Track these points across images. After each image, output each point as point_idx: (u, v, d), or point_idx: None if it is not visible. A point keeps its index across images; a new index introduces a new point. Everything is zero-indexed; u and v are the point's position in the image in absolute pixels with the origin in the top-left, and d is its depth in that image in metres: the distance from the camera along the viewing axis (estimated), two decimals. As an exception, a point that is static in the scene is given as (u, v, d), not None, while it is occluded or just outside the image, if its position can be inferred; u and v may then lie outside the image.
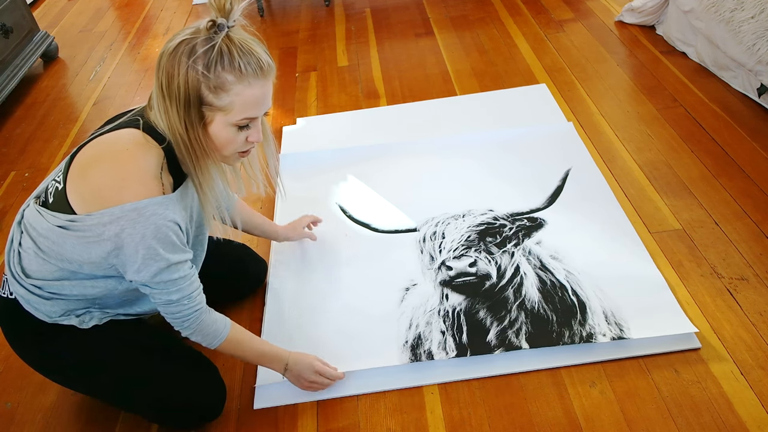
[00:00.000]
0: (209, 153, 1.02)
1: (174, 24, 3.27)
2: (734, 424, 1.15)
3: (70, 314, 1.12)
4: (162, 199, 0.99)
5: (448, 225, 1.66)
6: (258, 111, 1.01)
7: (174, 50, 0.95)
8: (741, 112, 1.97)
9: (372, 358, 1.34)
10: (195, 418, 1.23)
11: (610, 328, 1.33)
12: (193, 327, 1.09)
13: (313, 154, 2.02)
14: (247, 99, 0.98)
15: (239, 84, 0.96)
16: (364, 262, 1.61)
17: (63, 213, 1.01)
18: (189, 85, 0.95)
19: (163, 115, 0.99)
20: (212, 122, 0.99)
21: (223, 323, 1.13)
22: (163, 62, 0.96)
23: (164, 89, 0.97)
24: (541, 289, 1.44)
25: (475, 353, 1.32)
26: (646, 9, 2.50)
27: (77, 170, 1.02)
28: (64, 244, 1.03)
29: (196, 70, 0.94)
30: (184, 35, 0.96)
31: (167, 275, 1.02)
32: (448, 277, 1.51)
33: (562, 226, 1.62)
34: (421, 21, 2.94)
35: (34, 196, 1.12)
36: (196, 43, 0.94)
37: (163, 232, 0.99)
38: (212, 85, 0.95)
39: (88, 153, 1.02)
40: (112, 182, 0.97)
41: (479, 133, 2.05)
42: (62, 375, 1.19)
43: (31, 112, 2.57)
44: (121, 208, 0.96)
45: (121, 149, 0.99)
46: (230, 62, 0.94)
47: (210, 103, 0.97)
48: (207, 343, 1.13)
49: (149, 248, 0.98)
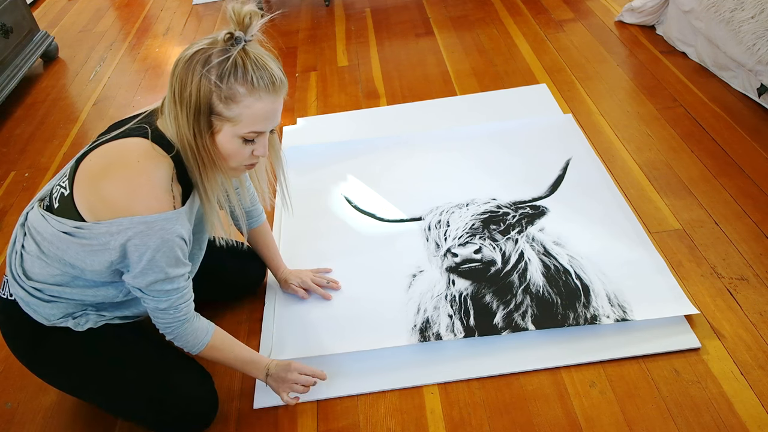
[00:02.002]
0: (216, 162, 1.03)
1: (174, 24, 3.27)
2: (734, 424, 1.15)
3: (68, 317, 1.12)
4: (171, 215, 1.00)
5: (452, 214, 1.69)
6: (266, 126, 1.02)
7: (190, 58, 0.96)
8: (741, 112, 1.97)
9: (382, 340, 1.36)
10: (186, 427, 1.22)
11: (613, 310, 1.36)
12: (176, 333, 1.11)
13: (318, 147, 2.05)
14: (256, 112, 0.98)
15: (250, 97, 0.97)
16: (370, 250, 1.63)
17: (69, 219, 1.02)
18: (201, 93, 0.95)
19: (173, 121, 1.00)
20: (220, 132, 1.00)
21: (204, 331, 1.14)
22: (178, 69, 0.97)
23: (176, 95, 0.98)
24: (546, 274, 1.47)
25: (483, 334, 1.34)
26: (646, 9, 2.50)
27: (85, 177, 1.02)
28: (68, 250, 1.03)
29: (209, 79, 0.95)
30: (200, 45, 0.97)
31: (162, 286, 1.04)
32: (454, 263, 1.53)
33: (564, 214, 1.66)
34: (421, 21, 2.94)
35: (38, 199, 1.12)
36: (212, 54, 0.95)
37: (169, 246, 1.00)
38: (223, 96, 0.96)
39: (96, 161, 1.02)
40: (123, 194, 0.98)
41: (481, 125, 2.08)
42: (56, 378, 1.19)
43: (31, 112, 2.57)
44: (131, 220, 0.97)
45: (132, 161, 0.99)
46: (243, 75, 0.95)
47: (219, 113, 0.97)
48: (188, 349, 1.14)
49: (152, 260, 1.00)
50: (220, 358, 1.18)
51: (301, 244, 1.67)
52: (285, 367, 1.23)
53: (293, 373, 1.22)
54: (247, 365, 1.22)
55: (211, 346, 1.15)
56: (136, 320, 1.23)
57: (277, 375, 1.22)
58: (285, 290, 1.52)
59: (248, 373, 1.23)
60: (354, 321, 1.43)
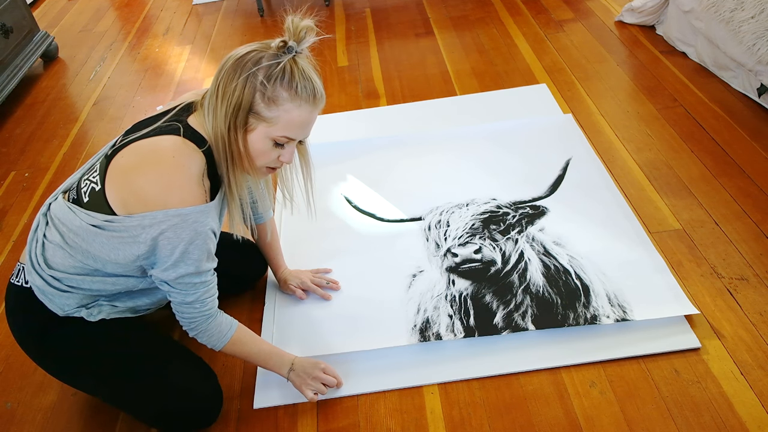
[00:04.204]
0: (243, 159, 1.06)
1: (174, 24, 3.27)
2: (734, 424, 1.15)
3: (81, 308, 1.13)
4: (205, 207, 1.03)
5: (452, 214, 1.69)
6: (298, 133, 1.07)
7: (241, 57, 1.01)
8: (741, 112, 1.97)
9: (382, 340, 1.36)
10: (191, 422, 1.22)
11: (613, 310, 1.36)
12: (200, 329, 1.12)
13: (318, 146, 2.04)
14: (293, 118, 1.03)
15: (291, 102, 1.02)
16: (370, 250, 1.63)
17: (100, 213, 1.04)
18: (245, 91, 1.00)
19: (211, 114, 1.04)
20: (254, 131, 1.04)
21: (228, 325, 1.16)
22: (228, 65, 1.02)
23: (220, 90, 1.02)
24: (546, 274, 1.48)
25: (483, 334, 1.34)
26: (646, 9, 2.50)
27: (118, 173, 1.04)
28: (93, 242, 1.05)
29: (257, 78, 1.00)
30: (253, 47, 1.03)
31: (191, 279, 1.06)
32: (454, 263, 1.54)
33: (564, 214, 1.66)
34: (421, 21, 2.94)
35: (62, 191, 1.15)
36: (263, 57, 1.01)
37: (202, 239, 1.04)
38: (267, 96, 1.00)
39: (130, 158, 1.04)
40: (158, 188, 1.00)
41: (481, 125, 2.08)
42: (60, 369, 1.19)
43: (31, 112, 2.57)
44: (165, 213, 0.99)
45: (167, 157, 1.02)
46: (289, 81, 1.01)
47: (258, 112, 1.02)
48: (212, 345, 1.15)
49: (185, 252, 1.03)
50: (243, 351, 1.19)
51: (301, 244, 1.67)
52: (314, 364, 1.25)
53: (320, 372, 1.25)
54: (271, 359, 1.24)
55: (235, 340, 1.17)
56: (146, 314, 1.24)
57: (303, 371, 1.24)
58: (284, 290, 1.52)
59: (269, 367, 1.25)
60: (354, 321, 1.43)
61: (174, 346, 1.26)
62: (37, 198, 2.04)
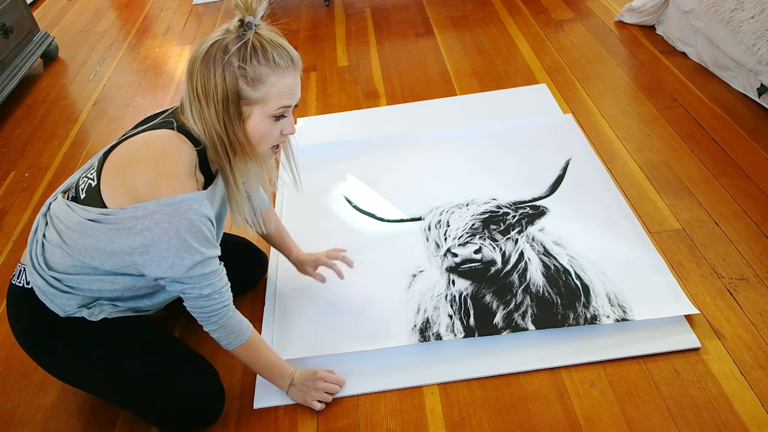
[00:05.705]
0: (247, 150, 1.06)
1: (174, 24, 3.27)
2: (734, 424, 1.15)
3: (83, 308, 1.13)
4: (196, 195, 1.02)
5: (452, 214, 1.69)
6: (292, 100, 1.06)
7: (207, 53, 0.99)
8: (741, 112, 1.97)
9: (382, 340, 1.36)
10: (193, 421, 1.22)
11: (613, 309, 1.36)
12: (220, 323, 1.11)
13: (318, 147, 2.05)
14: (282, 89, 1.02)
15: (274, 75, 1.00)
16: (370, 250, 1.63)
17: (96, 207, 1.04)
18: (226, 82, 0.99)
19: (198, 118, 1.03)
20: (250, 117, 1.03)
21: (247, 325, 1.16)
22: (197, 66, 1.00)
23: (199, 92, 1.00)
24: (546, 274, 1.48)
25: (483, 334, 1.34)
26: (646, 9, 2.50)
27: (112, 168, 1.04)
28: (91, 237, 1.05)
29: (232, 65, 0.98)
30: (213, 38, 1.00)
31: (201, 269, 1.04)
32: (454, 263, 1.54)
33: (564, 214, 1.66)
34: (421, 21, 2.94)
35: (61, 191, 1.15)
36: (228, 42, 0.99)
37: (197, 226, 1.02)
38: (249, 78, 0.99)
39: (123, 153, 1.05)
40: (148, 179, 1.00)
41: (481, 125, 2.08)
42: (62, 369, 1.19)
43: (31, 112, 2.57)
44: (157, 202, 0.98)
45: (158, 149, 1.02)
46: (264, 56, 0.99)
47: (247, 96, 1.00)
48: (227, 342, 1.14)
49: (184, 241, 1.01)
50: (250, 358, 1.18)
51: (301, 244, 1.66)
52: (311, 375, 1.25)
53: (320, 381, 1.25)
54: (274, 371, 1.23)
55: (250, 342, 1.16)
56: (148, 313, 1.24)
57: (303, 384, 1.25)
58: (301, 272, 1.51)
59: (270, 379, 1.24)
60: (354, 321, 1.43)
61: (176, 345, 1.25)
62: (37, 198, 2.04)
